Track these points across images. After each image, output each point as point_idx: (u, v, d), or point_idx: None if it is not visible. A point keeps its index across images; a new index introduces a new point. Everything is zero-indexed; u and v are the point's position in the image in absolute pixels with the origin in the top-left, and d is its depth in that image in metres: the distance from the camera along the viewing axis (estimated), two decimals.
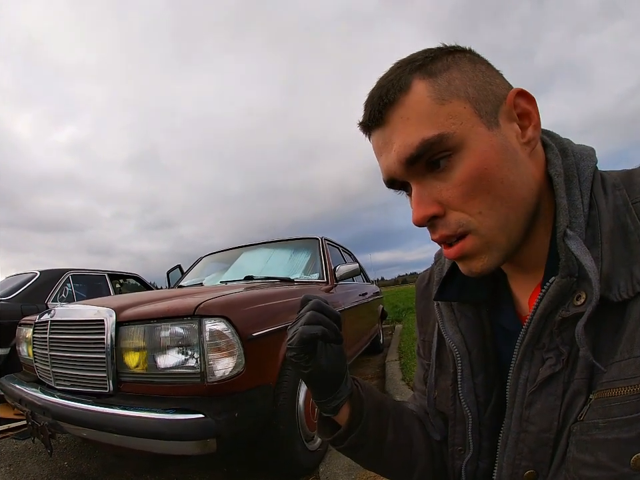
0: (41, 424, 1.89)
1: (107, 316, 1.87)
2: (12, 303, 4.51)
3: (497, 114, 0.53)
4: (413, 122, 0.52)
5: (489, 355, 0.64)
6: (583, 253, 0.48)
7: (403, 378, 3.50)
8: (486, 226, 0.52)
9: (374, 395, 0.73)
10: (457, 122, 0.51)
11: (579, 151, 0.57)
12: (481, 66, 0.55)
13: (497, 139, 0.51)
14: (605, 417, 0.45)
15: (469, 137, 0.51)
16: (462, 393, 0.63)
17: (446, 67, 0.53)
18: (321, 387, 0.66)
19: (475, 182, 0.51)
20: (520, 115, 0.54)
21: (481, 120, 0.51)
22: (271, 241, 4.10)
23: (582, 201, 0.52)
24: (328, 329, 0.61)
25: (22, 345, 2.68)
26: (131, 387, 1.81)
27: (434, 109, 0.51)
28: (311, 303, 0.63)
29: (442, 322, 0.68)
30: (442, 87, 0.52)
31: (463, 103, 0.51)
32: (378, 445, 0.69)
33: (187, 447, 1.52)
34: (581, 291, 0.49)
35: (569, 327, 0.50)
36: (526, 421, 0.54)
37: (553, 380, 0.51)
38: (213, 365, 1.64)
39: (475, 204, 0.52)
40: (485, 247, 0.54)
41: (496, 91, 0.54)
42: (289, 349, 0.61)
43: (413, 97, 0.52)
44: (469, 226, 0.53)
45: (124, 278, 6.95)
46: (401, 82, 0.53)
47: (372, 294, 5.39)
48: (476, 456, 0.63)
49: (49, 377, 2.14)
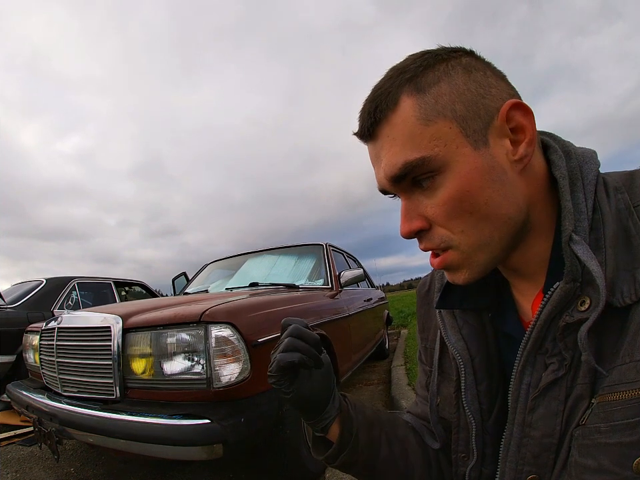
0: (48, 430, 1.90)
1: (114, 323, 1.88)
2: (18, 310, 4.54)
3: (487, 131, 0.52)
4: (397, 142, 0.53)
5: (493, 361, 0.64)
6: (589, 258, 0.47)
7: (409, 383, 3.49)
8: (467, 243, 0.54)
9: (364, 411, 0.73)
10: (440, 144, 0.51)
11: (582, 153, 0.57)
12: (477, 74, 0.53)
13: (483, 160, 0.51)
14: (606, 421, 0.45)
15: (452, 159, 0.51)
16: (465, 400, 0.63)
17: (436, 79, 0.52)
18: (307, 409, 0.67)
19: (457, 203, 0.52)
20: (514, 129, 0.53)
21: (466, 140, 0.51)
22: (275, 247, 4.10)
23: (586, 204, 0.52)
24: (307, 355, 0.61)
25: (28, 352, 2.69)
26: (137, 393, 1.81)
27: (418, 130, 0.51)
28: (290, 329, 0.64)
29: (444, 329, 0.68)
30: (429, 105, 0.51)
31: (449, 123, 0.51)
32: (371, 461, 0.70)
33: (193, 453, 1.52)
34: (584, 296, 0.49)
35: (572, 332, 0.50)
36: (529, 426, 0.54)
37: (556, 385, 0.51)
38: (219, 370, 1.65)
39: (458, 223, 0.53)
40: (465, 262, 0.55)
41: (489, 105, 0.52)
42: (269, 376, 0.62)
43: (399, 115, 0.52)
44: (451, 242, 0.54)
45: (129, 285, 6.96)
46: (389, 98, 0.53)
47: (377, 299, 5.38)
48: (480, 463, 0.63)
49: (56, 384, 2.15)
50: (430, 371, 0.76)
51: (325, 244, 3.85)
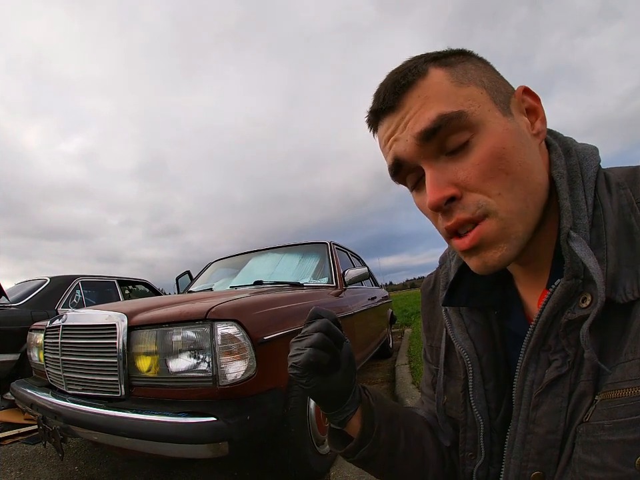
0: (53, 428, 1.90)
1: (119, 320, 1.87)
2: (22, 309, 4.55)
3: (509, 104, 0.55)
4: (431, 99, 0.52)
5: (499, 360, 0.63)
6: (587, 255, 0.48)
7: (413, 381, 3.48)
8: (506, 209, 0.51)
9: (385, 403, 0.72)
10: (474, 104, 0.52)
11: (582, 149, 0.57)
12: (489, 67, 0.58)
13: (512, 124, 0.53)
14: (610, 418, 0.45)
15: (486, 119, 0.52)
16: (473, 399, 0.63)
17: (460, 60, 0.55)
18: (326, 402, 0.66)
19: (494, 161, 0.50)
20: (527, 110, 0.56)
21: (496, 106, 0.53)
22: (279, 246, 4.10)
23: (586, 201, 0.52)
24: (332, 355, 0.61)
25: (33, 350, 2.69)
26: (142, 391, 1.81)
27: (453, 90, 0.52)
28: (321, 323, 0.62)
29: (451, 328, 0.67)
30: (459, 73, 0.54)
31: (480, 89, 0.53)
32: (390, 455, 0.68)
33: (198, 450, 1.51)
34: (586, 293, 0.49)
35: (575, 328, 0.50)
36: (532, 423, 0.54)
37: (559, 382, 0.51)
38: (225, 368, 1.64)
39: (495, 184, 0.51)
40: (503, 233, 0.51)
41: (505, 85, 0.56)
42: (292, 367, 0.60)
43: (431, 79, 0.53)
44: (489, 207, 0.51)
45: (133, 284, 6.99)
46: (418, 68, 0.54)
47: (381, 298, 5.38)
48: (487, 461, 0.63)
49: (61, 382, 2.15)
50: (436, 370, 0.75)
51: (329, 242, 3.85)
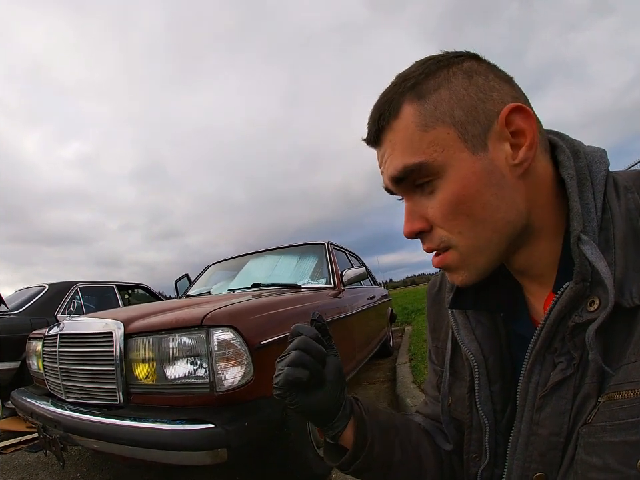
0: (53, 437, 1.90)
1: (115, 328, 1.87)
2: (21, 316, 4.54)
3: (487, 135, 0.53)
4: (398, 147, 0.56)
5: (506, 362, 0.64)
6: (597, 259, 0.48)
7: (414, 380, 3.48)
8: (464, 245, 0.55)
9: (378, 414, 0.71)
10: (438, 149, 0.53)
11: (591, 152, 0.57)
12: (479, 78, 0.54)
13: (481, 164, 0.52)
14: (612, 420, 0.45)
15: (449, 164, 0.53)
16: (479, 401, 0.63)
17: (437, 86, 0.54)
18: (315, 418, 0.66)
19: (453, 206, 0.54)
20: (514, 133, 0.53)
21: (465, 145, 0.52)
22: (277, 247, 4.10)
23: (595, 204, 0.52)
24: (312, 371, 0.60)
25: (32, 359, 2.69)
26: (140, 398, 1.81)
27: (417, 137, 0.54)
28: (299, 340, 0.62)
29: (457, 330, 0.67)
30: (428, 112, 0.53)
31: (447, 128, 0.53)
32: (385, 466, 0.68)
33: (197, 457, 1.51)
34: (594, 297, 0.49)
35: (581, 331, 0.50)
36: (536, 424, 0.54)
37: (564, 384, 0.52)
38: (222, 374, 1.64)
39: (455, 225, 0.55)
40: (462, 263, 0.57)
41: (489, 110, 0.53)
42: (274, 389, 0.61)
43: (400, 123, 0.55)
44: (450, 242, 0.56)
45: (132, 288, 6.98)
46: (392, 106, 0.56)
47: (380, 297, 5.38)
48: (492, 463, 0.63)
49: (60, 390, 2.15)
50: (441, 371, 0.75)
51: (327, 243, 3.84)
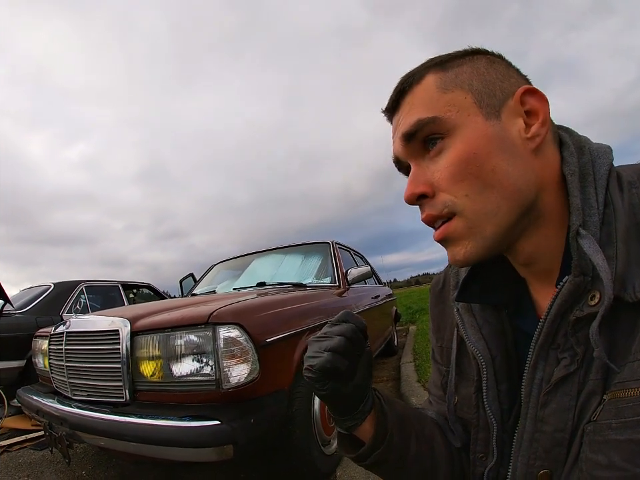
0: (59, 434, 1.91)
1: (122, 326, 1.88)
2: (27, 315, 4.56)
3: (501, 108, 0.54)
4: (416, 106, 0.57)
5: (512, 361, 0.63)
6: (594, 252, 0.48)
7: (419, 380, 3.48)
8: (471, 209, 0.53)
9: (396, 406, 0.70)
10: (453, 109, 0.54)
11: (596, 148, 0.57)
12: (499, 66, 0.57)
13: (493, 129, 0.53)
14: (617, 418, 0.45)
15: (462, 124, 0.54)
16: (487, 401, 0.62)
17: (460, 63, 0.57)
18: (338, 408, 0.64)
19: (463, 165, 0.53)
20: (528, 112, 0.55)
21: (479, 110, 0.54)
22: (282, 246, 4.10)
23: (597, 199, 0.52)
24: (352, 362, 0.59)
25: (38, 357, 2.70)
26: (147, 396, 1.82)
27: (435, 96, 0.55)
28: (347, 327, 0.60)
29: (464, 328, 0.66)
30: (449, 78, 0.56)
31: (465, 93, 0.55)
32: (401, 458, 0.67)
33: (203, 454, 1.51)
34: (595, 291, 0.49)
35: (584, 327, 0.49)
36: (541, 421, 0.54)
37: (568, 380, 0.51)
38: (228, 371, 1.64)
39: (462, 187, 0.54)
40: (468, 231, 0.54)
41: (507, 88, 0.55)
42: (307, 370, 0.59)
43: (422, 86, 0.57)
44: (454, 207, 0.54)
45: (137, 288, 6.99)
46: (416, 75, 0.58)
47: (384, 296, 5.36)
48: (499, 463, 0.62)
49: (66, 388, 2.15)
50: (446, 371, 0.75)
51: (332, 242, 3.83)
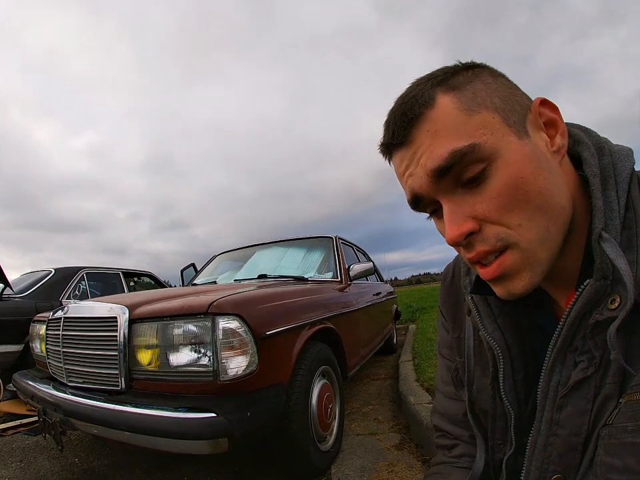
0: (52, 420, 1.88)
1: (120, 313, 1.85)
2: (27, 300, 4.55)
3: (525, 123, 0.52)
4: (441, 134, 0.50)
5: (527, 352, 0.62)
6: (617, 256, 0.46)
7: (417, 379, 3.45)
8: (527, 239, 0.50)
9: None
10: (487, 132, 0.49)
11: (617, 150, 0.55)
12: (502, 78, 0.55)
13: (528, 148, 0.50)
14: (633, 420, 0.44)
15: (501, 147, 0.49)
16: (504, 390, 0.62)
17: (468, 79, 0.52)
18: None
19: (512, 192, 0.49)
20: (546, 124, 0.53)
21: (510, 130, 0.50)
22: (284, 239, 4.07)
23: (618, 202, 0.50)
24: None
25: (35, 342, 2.68)
26: (142, 385, 1.79)
27: (462, 120, 0.49)
28: None
29: (480, 318, 0.65)
30: (468, 98, 0.50)
31: (491, 113, 0.50)
32: None
33: (197, 446, 1.49)
34: (615, 295, 0.47)
35: (602, 330, 0.48)
36: (556, 424, 0.53)
37: (585, 383, 0.50)
38: (226, 363, 1.61)
39: (514, 216, 0.49)
40: (525, 262, 0.51)
41: (521, 101, 0.53)
42: None
43: (439, 109, 0.50)
44: (509, 240, 0.50)
45: (138, 276, 6.99)
46: (424, 97, 0.51)
47: (386, 293, 5.35)
48: (517, 451, 0.62)
49: (62, 374, 2.13)
50: (462, 363, 0.73)
51: (335, 237, 3.81)
